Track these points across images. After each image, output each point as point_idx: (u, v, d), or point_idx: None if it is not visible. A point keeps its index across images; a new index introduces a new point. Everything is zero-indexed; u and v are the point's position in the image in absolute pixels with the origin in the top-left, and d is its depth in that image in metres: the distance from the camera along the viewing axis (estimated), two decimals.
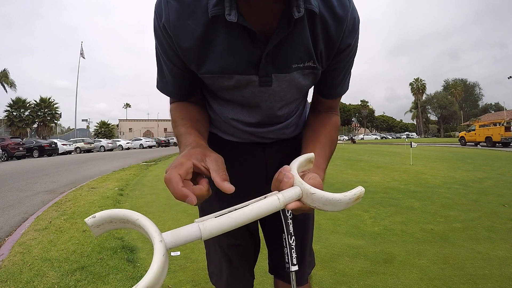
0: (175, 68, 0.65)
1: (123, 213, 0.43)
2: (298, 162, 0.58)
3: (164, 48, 0.63)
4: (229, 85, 0.66)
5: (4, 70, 43.19)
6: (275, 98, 0.69)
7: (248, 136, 0.79)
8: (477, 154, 13.06)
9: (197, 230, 0.44)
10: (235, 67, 0.62)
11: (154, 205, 4.67)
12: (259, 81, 0.64)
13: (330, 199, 0.52)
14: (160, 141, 38.21)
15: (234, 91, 0.67)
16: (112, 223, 0.43)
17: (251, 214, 0.47)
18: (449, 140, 34.99)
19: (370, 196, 4.84)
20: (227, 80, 0.64)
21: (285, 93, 0.69)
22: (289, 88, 0.67)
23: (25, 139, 23.91)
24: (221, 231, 0.45)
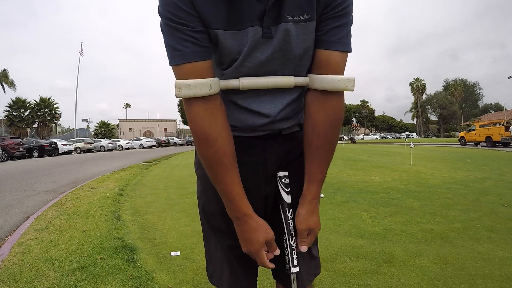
0: (190, 33, 0.65)
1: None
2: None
3: (180, 14, 0.64)
4: (234, 44, 0.68)
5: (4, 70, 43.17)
6: (278, 56, 0.71)
7: (248, 117, 0.78)
8: (477, 154, 13.06)
9: None
10: (241, 20, 0.67)
11: (154, 205, 4.67)
12: (263, 32, 0.67)
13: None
14: (160, 141, 38.25)
15: (240, 58, 0.70)
16: None
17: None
18: (449, 140, 34.99)
19: (370, 196, 4.84)
20: (233, 37, 0.68)
21: (286, 48, 0.70)
22: (289, 41, 0.69)
23: (25, 139, 23.91)
24: None
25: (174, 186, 6.37)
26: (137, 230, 3.40)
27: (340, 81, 0.71)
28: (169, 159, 14.33)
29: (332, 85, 0.71)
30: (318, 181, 0.78)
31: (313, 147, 0.76)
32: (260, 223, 0.74)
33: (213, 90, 0.67)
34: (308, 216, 0.77)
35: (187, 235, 3.17)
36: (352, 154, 13.90)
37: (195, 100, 0.67)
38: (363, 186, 5.71)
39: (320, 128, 0.74)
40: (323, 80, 0.72)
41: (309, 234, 0.78)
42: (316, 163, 0.77)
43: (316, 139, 0.75)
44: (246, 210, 0.73)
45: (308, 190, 0.78)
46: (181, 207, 4.46)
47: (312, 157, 0.77)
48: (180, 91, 0.66)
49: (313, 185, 0.77)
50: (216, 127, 0.68)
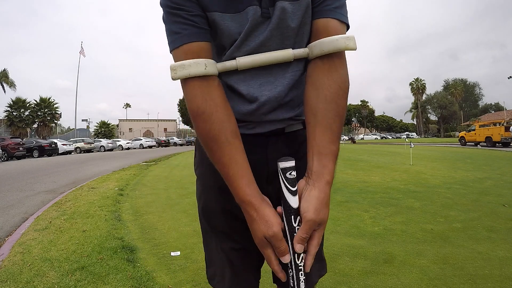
0: (188, 16, 0.67)
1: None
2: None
3: (177, 0, 0.66)
4: (233, 26, 0.68)
5: (4, 70, 43.19)
6: (276, 33, 0.69)
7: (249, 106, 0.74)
8: (477, 154, 13.06)
9: None
10: (240, 1, 0.66)
11: (154, 205, 4.67)
12: (262, 12, 0.67)
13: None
14: (160, 141, 38.25)
15: (240, 36, 0.69)
16: None
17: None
18: (449, 140, 35.00)
19: (370, 196, 4.84)
20: (232, 19, 0.67)
21: (283, 25, 0.69)
22: (285, 19, 0.68)
23: (25, 139, 23.90)
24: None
25: (174, 186, 6.37)
26: (137, 230, 3.40)
27: (339, 40, 0.66)
28: (169, 159, 14.33)
29: (332, 45, 0.66)
30: (333, 154, 0.64)
31: (321, 112, 0.66)
32: (262, 213, 0.62)
33: (209, 70, 0.66)
34: (322, 204, 0.61)
35: (187, 235, 3.17)
36: (352, 154, 13.90)
37: (191, 80, 0.66)
38: (363, 186, 5.71)
39: (327, 91, 0.66)
40: (322, 43, 0.67)
41: (316, 230, 0.62)
42: (327, 131, 0.65)
43: (323, 103, 0.66)
44: (244, 196, 0.63)
45: (322, 166, 0.63)
46: (181, 207, 4.46)
47: (321, 125, 0.65)
48: (175, 73, 0.65)
49: (328, 160, 0.63)
50: (211, 103, 0.65)
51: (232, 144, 0.65)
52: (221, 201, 0.74)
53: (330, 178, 0.63)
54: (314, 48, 0.69)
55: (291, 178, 0.62)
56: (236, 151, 0.65)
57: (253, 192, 0.64)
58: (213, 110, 0.65)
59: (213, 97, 0.66)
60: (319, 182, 0.62)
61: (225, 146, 0.65)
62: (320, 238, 0.62)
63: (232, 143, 0.65)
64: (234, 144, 0.65)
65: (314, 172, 0.64)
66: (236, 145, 0.66)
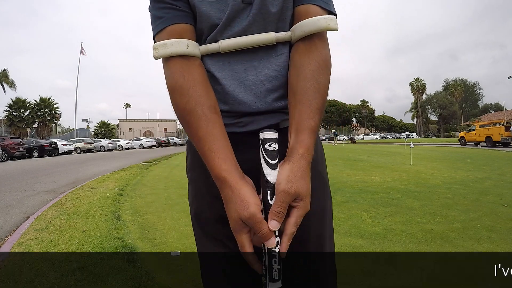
0: (170, 0, 0.68)
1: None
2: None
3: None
4: (212, 10, 0.68)
5: (4, 70, 43.20)
6: (258, 18, 0.69)
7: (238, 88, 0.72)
8: (477, 154, 13.07)
9: None
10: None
11: (154, 205, 4.67)
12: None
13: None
14: (160, 141, 38.25)
15: (221, 22, 0.68)
16: None
17: None
18: (449, 140, 35.00)
19: (370, 196, 4.84)
20: (211, 3, 0.67)
21: (264, 10, 0.68)
22: (266, 4, 0.67)
23: (25, 139, 23.92)
24: None
25: (174, 186, 6.37)
26: (137, 230, 3.40)
27: (320, 19, 0.66)
28: (169, 159, 14.33)
29: (313, 25, 0.65)
30: (310, 129, 0.62)
31: (300, 90, 0.64)
32: (238, 191, 0.56)
33: (191, 50, 0.66)
34: (295, 176, 0.57)
35: (187, 235, 3.17)
36: (352, 154, 13.90)
37: (172, 58, 0.66)
38: (363, 186, 5.71)
39: (306, 69, 0.65)
40: (303, 24, 0.67)
41: (294, 206, 0.57)
42: (306, 108, 0.63)
43: (302, 81, 0.65)
44: (219, 172, 0.58)
45: (298, 141, 0.61)
46: (181, 207, 4.46)
47: (300, 103, 0.63)
48: (157, 51, 0.65)
49: (304, 134, 0.61)
50: (189, 77, 0.65)
51: (209, 118, 0.63)
52: (215, 208, 0.70)
53: (305, 151, 0.60)
54: (296, 30, 0.68)
55: (270, 150, 0.58)
56: (213, 124, 0.62)
57: (230, 167, 0.59)
58: (190, 85, 0.64)
59: (192, 73, 0.65)
60: (293, 156, 0.59)
61: (202, 119, 0.62)
62: (300, 217, 0.57)
63: (209, 117, 0.63)
64: (211, 118, 0.63)
65: (290, 148, 0.62)
66: (214, 119, 0.63)
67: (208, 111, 0.63)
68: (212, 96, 0.67)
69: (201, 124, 0.62)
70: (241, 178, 0.60)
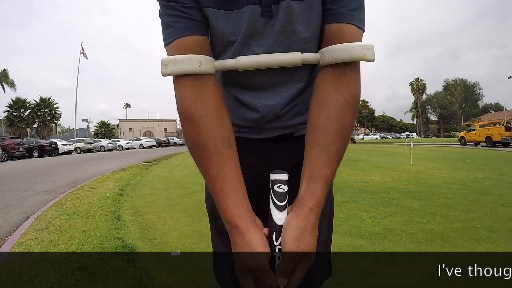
0: (181, 8, 0.61)
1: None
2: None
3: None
4: (227, 25, 0.62)
5: (4, 70, 43.21)
6: (283, 38, 0.62)
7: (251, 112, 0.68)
8: (477, 154, 13.07)
9: None
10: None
11: (154, 205, 4.67)
12: (262, 11, 0.59)
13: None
14: (160, 141, 38.24)
15: (238, 39, 0.63)
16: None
17: None
18: (449, 140, 35.00)
19: (370, 196, 4.84)
20: (226, 17, 0.61)
21: (291, 29, 0.61)
22: (292, 21, 0.61)
23: (25, 139, 23.92)
24: None
25: (174, 186, 6.37)
26: (137, 230, 3.40)
27: (356, 47, 0.57)
28: (169, 159, 14.32)
29: (347, 53, 0.57)
30: (325, 179, 0.56)
31: (321, 130, 0.58)
32: (248, 239, 0.54)
33: (204, 68, 0.59)
34: (303, 234, 0.53)
35: (187, 235, 3.17)
36: (352, 154, 13.90)
37: (183, 78, 0.59)
38: (363, 186, 5.71)
39: (332, 107, 0.58)
40: (336, 49, 0.58)
41: (298, 264, 0.54)
42: (323, 153, 0.57)
43: (326, 121, 0.58)
44: (230, 217, 0.55)
45: (309, 191, 0.56)
46: (181, 207, 4.46)
47: (319, 145, 0.57)
48: (166, 68, 0.58)
49: (317, 184, 0.56)
50: (201, 105, 0.58)
51: (221, 154, 0.57)
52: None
53: (315, 204, 0.55)
54: (326, 54, 0.60)
55: (279, 192, 0.56)
56: (225, 162, 0.57)
57: (241, 213, 0.56)
58: (202, 114, 0.58)
59: (204, 99, 0.59)
60: (302, 208, 0.55)
61: (213, 156, 0.57)
62: (304, 272, 0.55)
63: (222, 152, 0.58)
64: (224, 154, 0.58)
65: (299, 197, 0.57)
66: (227, 155, 0.58)
67: (220, 146, 0.58)
68: (227, 124, 0.61)
69: (213, 161, 0.57)
70: (252, 223, 0.56)
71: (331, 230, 0.84)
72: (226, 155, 0.58)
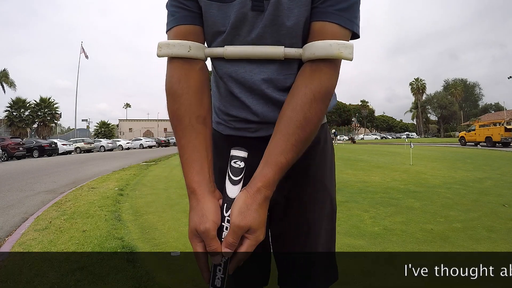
0: (184, 0, 0.67)
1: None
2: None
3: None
4: (218, 15, 0.66)
5: (4, 70, 43.23)
6: (271, 31, 0.65)
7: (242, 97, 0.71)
8: (477, 154, 13.07)
9: None
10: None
11: (154, 205, 4.67)
12: (252, 5, 0.63)
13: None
14: (160, 141, 38.23)
15: (227, 29, 0.66)
16: None
17: None
18: (449, 140, 35.00)
19: (370, 196, 4.84)
20: (219, 8, 0.65)
21: (278, 22, 0.64)
22: (280, 15, 0.63)
23: (25, 139, 23.92)
24: None
25: (174, 186, 6.37)
26: (137, 230, 3.40)
27: (333, 45, 0.59)
28: (169, 159, 14.32)
29: (323, 50, 0.60)
30: (278, 165, 0.59)
31: (284, 120, 0.62)
32: (202, 204, 0.59)
33: (193, 53, 0.66)
34: (248, 209, 0.57)
35: (187, 235, 3.17)
36: (352, 154, 13.90)
37: (174, 60, 0.66)
38: (363, 186, 5.71)
39: (299, 100, 0.61)
40: (314, 46, 0.61)
41: (246, 237, 0.58)
42: (282, 142, 0.60)
43: (290, 112, 0.61)
44: (190, 182, 0.62)
45: (261, 173, 0.60)
46: (181, 207, 4.46)
47: (279, 134, 0.61)
48: (160, 50, 0.66)
49: (269, 169, 0.59)
50: (184, 84, 0.65)
51: (194, 128, 0.64)
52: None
53: (263, 186, 0.58)
54: (306, 50, 0.64)
55: (235, 167, 0.60)
56: (196, 135, 0.64)
57: (201, 180, 0.62)
58: (184, 92, 0.65)
59: (188, 80, 0.65)
60: (252, 188, 0.59)
61: (187, 129, 0.64)
62: (251, 247, 0.58)
63: (195, 127, 0.64)
64: (196, 128, 0.64)
65: (252, 178, 0.61)
66: (199, 130, 0.64)
67: (195, 121, 0.64)
68: (205, 104, 0.67)
69: (186, 133, 0.64)
70: (210, 192, 0.62)
71: (334, 232, 0.83)
72: (198, 130, 0.64)
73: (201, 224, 0.58)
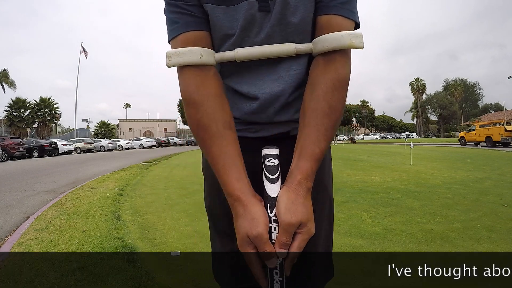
0: (185, 6, 0.66)
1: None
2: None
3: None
4: (224, 19, 0.65)
5: (4, 70, 43.22)
6: (278, 30, 0.66)
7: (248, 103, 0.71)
8: (477, 154, 13.07)
9: None
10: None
11: (154, 205, 4.67)
12: (259, 6, 0.63)
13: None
14: (160, 141, 38.28)
15: (237, 33, 0.66)
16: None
17: None
18: (449, 140, 35.00)
19: (370, 196, 4.84)
20: (225, 12, 0.65)
21: (285, 21, 0.65)
22: (286, 14, 0.65)
23: (25, 139, 23.91)
24: None
25: (174, 186, 6.37)
26: (137, 230, 3.40)
27: (344, 36, 0.62)
28: (169, 159, 14.33)
29: (335, 42, 0.62)
30: (313, 156, 0.60)
31: (310, 112, 0.63)
32: (249, 209, 0.58)
33: (205, 59, 0.64)
34: (295, 204, 0.57)
35: (187, 235, 3.17)
36: (352, 154, 13.90)
37: (186, 68, 0.65)
38: (363, 186, 5.71)
39: (320, 90, 0.63)
40: (326, 39, 0.63)
41: (298, 233, 0.57)
42: (312, 132, 0.61)
43: (314, 103, 0.63)
44: (232, 190, 0.59)
45: (298, 166, 0.60)
46: (181, 207, 4.46)
47: (309, 126, 0.62)
48: (170, 60, 0.64)
49: (305, 161, 0.60)
50: (204, 91, 0.64)
51: (223, 134, 0.62)
52: (225, 206, 0.73)
53: (303, 178, 0.59)
54: (317, 44, 0.65)
55: (270, 165, 0.59)
56: (227, 142, 0.62)
57: (242, 186, 0.60)
58: (204, 99, 0.63)
59: (206, 86, 0.64)
60: (292, 182, 0.59)
61: (216, 136, 0.62)
62: (304, 241, 0.58)
63: (223, 133, 0.63)
64: (225, 134, 0.63)
65: (289, 173, 0.61)
66: (228, 136, 0.63)
67: (222, 127, 0.63)
68: (227, 109, 0.66)
69: (215, 141, 0.62)
70: (253, 196, 0.60)
71: (331, 231, 0.84)
72: (227, 136, 0.63)
73: (253, 229, 0.56)
